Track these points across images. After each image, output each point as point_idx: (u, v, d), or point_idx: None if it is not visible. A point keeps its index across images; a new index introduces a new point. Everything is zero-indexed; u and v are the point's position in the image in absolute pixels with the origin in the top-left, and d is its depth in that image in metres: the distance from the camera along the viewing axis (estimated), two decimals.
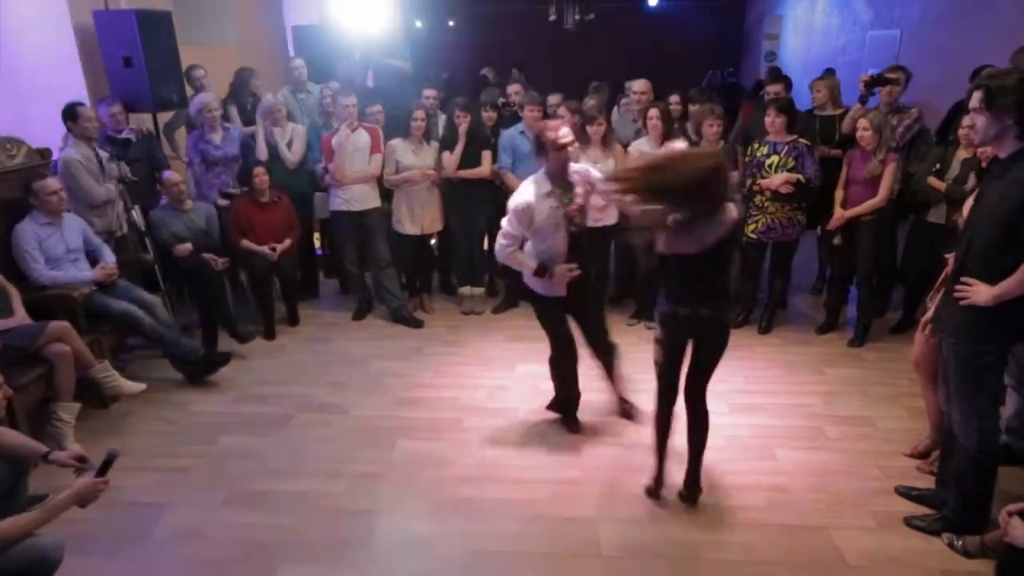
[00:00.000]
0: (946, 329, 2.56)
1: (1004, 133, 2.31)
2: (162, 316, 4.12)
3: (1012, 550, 2.08)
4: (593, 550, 2.76)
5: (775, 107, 4.41)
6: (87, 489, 2.23)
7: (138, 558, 2.75)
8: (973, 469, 2.61)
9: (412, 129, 4.76)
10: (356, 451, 3.45)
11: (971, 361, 2.49)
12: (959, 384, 2.55)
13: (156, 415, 3.83)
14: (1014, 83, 2.25)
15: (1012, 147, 2.32)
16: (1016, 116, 2.25)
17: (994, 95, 2.26)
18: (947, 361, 2.58)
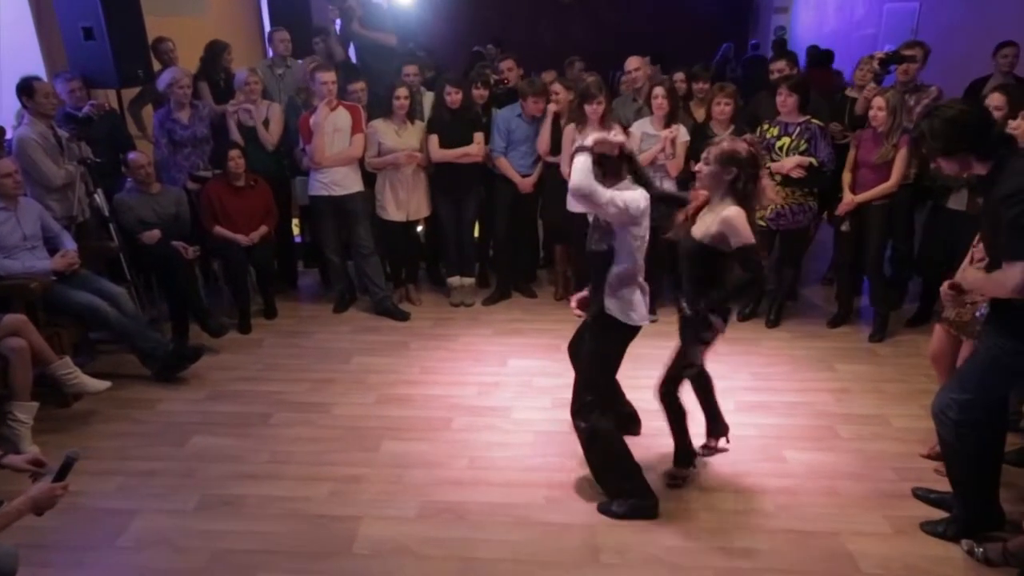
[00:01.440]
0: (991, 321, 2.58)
1: (968, 162, 2.44)
2: (128, 308, 4.08)
3: None
4: (591, 557, 2.75)
5: (787, 85, 4.39)
6: (44, 495, 2.18)
7: (101, 569, 2.72)
8: (955, 461, 2.67)
9: (395, 108, 4.72)
10: (338, 453, 3.43)
11: (998, 358, 2.50)
12: (969, 372, 2.60)
13: (122, 415, 3.78)
14: (939, 128, 2.42)
15: (984, 169, 2.43)
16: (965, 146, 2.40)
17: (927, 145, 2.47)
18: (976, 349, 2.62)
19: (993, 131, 2.44)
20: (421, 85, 5.27)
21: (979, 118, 2.44)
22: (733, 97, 4.48)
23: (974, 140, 2.39)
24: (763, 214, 4.50)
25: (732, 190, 2.77)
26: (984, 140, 2.39)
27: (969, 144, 2.40)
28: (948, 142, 2.41)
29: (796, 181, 4.35)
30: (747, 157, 2.74)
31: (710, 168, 2.79)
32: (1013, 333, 2.47)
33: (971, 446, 2.61)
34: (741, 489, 3.13)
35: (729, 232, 2.72)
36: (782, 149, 4.38)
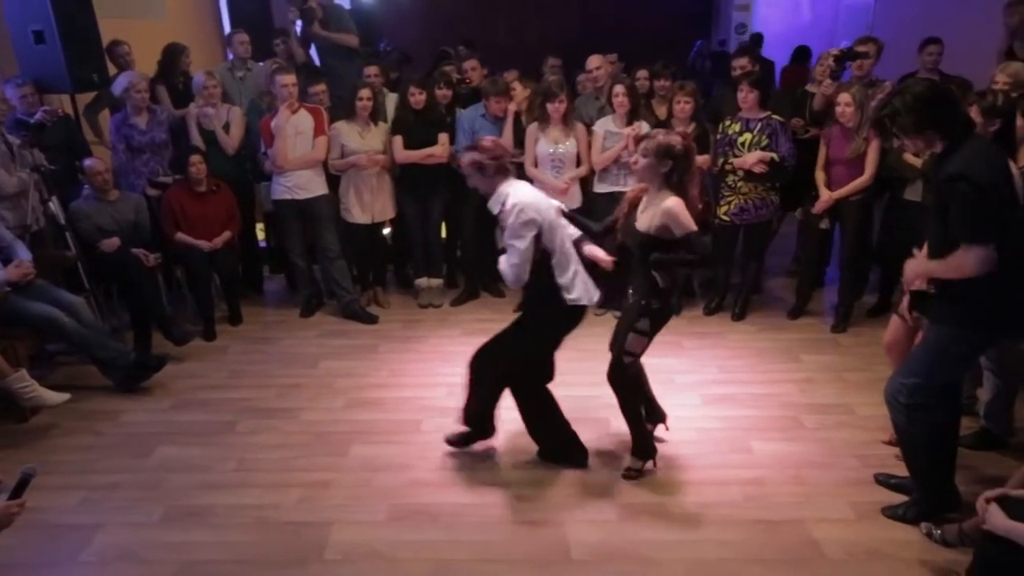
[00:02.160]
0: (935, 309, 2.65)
1: (932, 141, 2.48)
2: (86, 318, 4.00)
3: (990, 538, 2.14)
4: (562, 555, 2.77)
5: (748, 82, 4.45)
6: (1, 513, 2.14)
7: None
8: (909, 445, 2.76)
9: (357, 109, 4.69)
10: (307, 459, 3.40)
11: (944, 344, 2.58)
12: (918, 358, 2.68)
13: (82, 427, 3.70)
14: (911, 102, 2.44)
15: (941, 147, 2.49)
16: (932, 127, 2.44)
17: (898, 122, 2.47)
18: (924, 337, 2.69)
19: (959, 109, 2.50)
20: (384, 86, 5.25)
21: (945, 94, 2.49)
22: (693, 95, 4.53)
23: (942, 115, 2.43)
24: (726, 209, 4.58)
25: (667, 182, 2.88)
26: (951, 117, 2.45)
27: (938, 119, 2.43)
28: (920, 116, 2.43)
29: (758, 176, 4.42)
30: (682, 150, 2.86)
31: (647, 161, 2.91)
32: (957, 320, 2.55)
33: (924, 430, 2.68)
34: (709, 481, 3.17)
35: (672, 222, 2.84)
36: (744, 145, 4.44)
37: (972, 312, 2.51)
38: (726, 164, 4.50)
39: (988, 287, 2.42)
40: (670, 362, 4.26)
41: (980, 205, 2.35)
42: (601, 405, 3.77)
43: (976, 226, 2.37)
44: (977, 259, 2.37)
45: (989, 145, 2.60)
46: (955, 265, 2.45)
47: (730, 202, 4.57)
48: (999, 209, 2.39)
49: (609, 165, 4.61)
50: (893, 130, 2.53)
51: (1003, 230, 2.38)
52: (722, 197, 4.60)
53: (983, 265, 2.37)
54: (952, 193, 2.39)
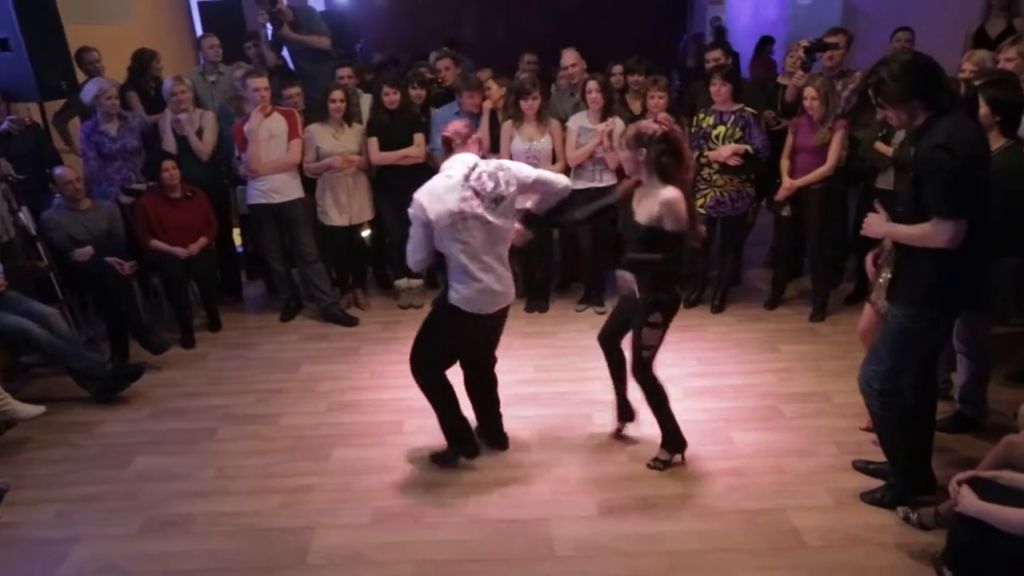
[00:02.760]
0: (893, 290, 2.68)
1: (915, 112, 2.46)
2: (60, 329, 3.94)
3: (962, 519, 2.17)
4: (546, 551, 2.77)
5: (720, 75, 4.48)
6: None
7: None
8: (883, 430, 2.79)
9: (330, 111, 4.66)
10: (288, 464, 3.38)
11: (904, 324, 2.61)
12: (883, 342, 2.70)
13: (58, 440, 3.65)
14: (898, 71, 2.42)
15: (922, 120, 2.48)
16: (918, 97, 2.41)
17: (884, 91, 2.45)
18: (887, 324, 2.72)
19: (944, 79, 2.49)
20: (358, 87, 5.22)
21: (931, 64, 2.47)
22: (666, 90, 4.55)
23: (928, 84, 2.42)
24: (702, 202, 4.60)
25: (658, 170, 2.89)
26: (936, 86, 2.43)
27: (924, 88, 2.41)
28: (905, 84, 2.41)
29: (733, 169, 4.45)
30: (653, 133, 2.88)
31: (625, 154, 2.97)
32: (914, 300, 2.58)
33: (898, 415, 2.72)
34: (691, 473, 3.20)
35: (667, 214, 2.86)
36: (718, 138, 4.47)
37: (924, 289, 2.53)
38: (701, 157, 4.52)
39: (937, 263, 2.45)
40: None
41: (959, 178, 2.35)
42: (583, 401, 3.80)
43: (952, 200, 2.36)
44: (948, 233, 2.37)
45: (970, 120, 2.58)
46: (921, 234, 2.46)
47: (706, 195, 4.59)
48: (976, 185, 2.39)
49: (584, 161, 4.61)
50: (878, 100, 2.50)
51: (976, 207, 2.40)
52: (698, 190, 4.61)
53: (953, 240, 2.38)
54: (933, 164, 2.37)
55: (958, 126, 2.42)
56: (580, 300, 5.04)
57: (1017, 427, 2.61)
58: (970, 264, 2.50)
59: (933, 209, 2.41)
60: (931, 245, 2.44)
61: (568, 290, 5.25)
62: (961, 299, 2.61)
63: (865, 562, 2.63)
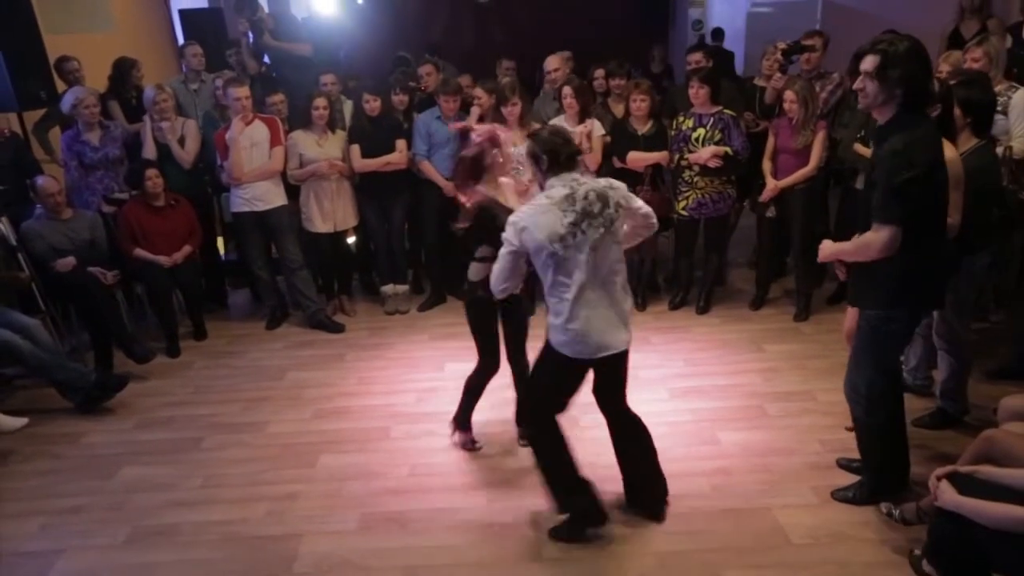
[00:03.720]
0: (857, 296, 2.72)
1: (889, 101, 2.43)
2: (43, 340, 3.90)
3: (942, 514, 2.20)
4: (534, 554, 2.77)
5: (698, 78, 4.51)
6: None
7: None
8: (870, 436, 2.81)
9: (313, 118, 4.66)
10: (275, 471, 3.36)
11: (876, 328, 2.64)
12: (859, 348, 2.73)
13: (42, 451, 3.61)
14: (903, 53, 2.36)
15: (890, 114, 2.46)
16: (904, 87, 2.37)
17: (887, 63, 2.36)
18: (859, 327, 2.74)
19: (930, 85, 2.49)
20: (341, 94, 5.21)
21: (928, 65, 2.44)
22: (648, 93, 4.58)
23: (916, 82, 2.38)
24: (684, 204, 4.63)
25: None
26: (923, 89, 2.41)
27: (911, 83, 2.36)
28: (906, 66, 2.35)
29: (714, 170, 4.48)
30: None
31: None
32: (877, 302, 2.61)
33: (882, 418, 2.74)
34: (678, 474, 3.17)
35: None
36: (698, 140, 4.49)
37: (885, 291, 2.56)
38: (682, 160, 4.55)
39: (893, 265, 2.47)
40: (637, 357, 4.19)
41: (905, 187, 2.35)
42: None
43: (889, 207, 2.39)
44: (882, 241, 2.41)
45: (931, 125, 2.55)
46: (862, 245, 2.52)
47: (688, 197, 4.62)
48: (923, 194, 2.40)
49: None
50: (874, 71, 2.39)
51: (925, 212, 2.43)
52: (680, 192, 4.65)
53: (886, 249, 2.42)
54: (886, 170, 2.39)
55: (920, 132, 2.41)
56: None
57: (996, 423, 2.65)
58: (926, 264, 2.52)
59: (875, 213, 2.44)
60: (870, 255, 2.49)
61: None
62: (924, 298, 2.65)
63: (850, 558, 2.65)
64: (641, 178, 4.63)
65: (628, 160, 4.63)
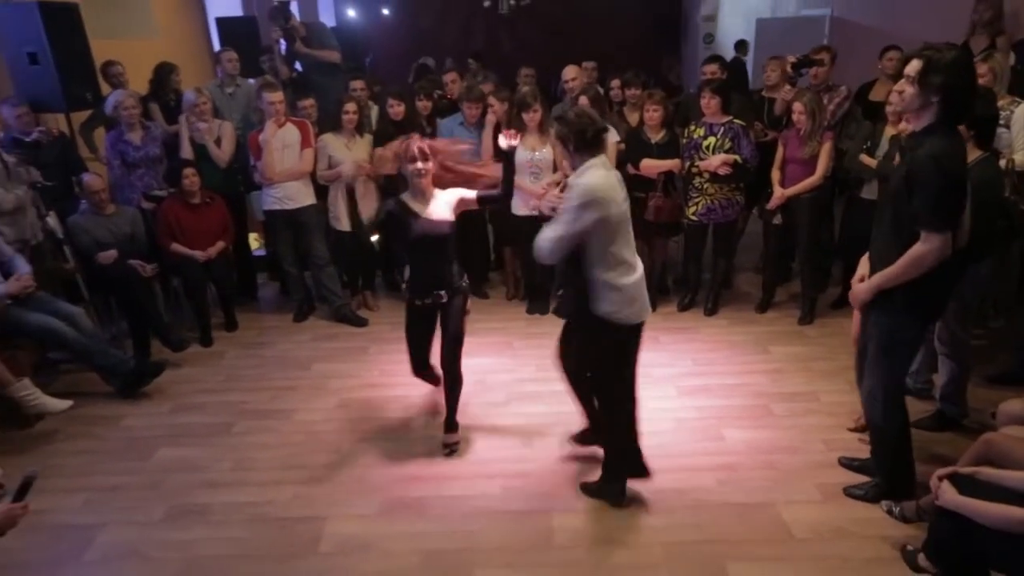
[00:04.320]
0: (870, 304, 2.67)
1: (927, 107, 2.36)
2: (86, 327, 3.96)
3: (942, 513, 2.19)
4: (546, 541, 2.79)
5: (709, 88, 4.50)
6: (5, 515, 2.13)
7: None
8: (881, 439, 2.78)
9: (343, 122, 4.69)
10: (301, 456, 3.40)
11: (888, 336, 2.62)
12: (874, 356, 2.69)
13: (85, 432, 3.68)
14: (947, 63, 2.29)
15: (926, 122, 2.40)
16: (942, 95, 2.32)
17: (930, 69, 2.30)
18: (869, 334, 2.71)
19: (974, 94, 2.42)
20: (369, 99, 5.25)
21: (974, 81, 2.40)
22: (662, 103, 4.58)
23: (963, 88, 2.33)
24: (694, 209, 4.63)
25: None
26: (964, 104, 2.36)
27: (958, 88, 2.31)
28: (948, 76, 2.28)
29: (723, 178, 4.47)
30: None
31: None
32: (896, 311, 2.55)
33: (897, 424, 2.72)
34: (685, 468, 3.21)
35: None
36: (708, 148, 4.49)
37: (905, 300, 2.51)
38: (692, 167, 4.55)
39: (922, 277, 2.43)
40: (647, 356, 4.20)
41: (949, 193, 2.32)
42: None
43: (938, 213, 2.33)
44: (936, 251, 2.35)
45: (959, 137, 2.47)
46: (913, 262, 2.40)
47: (698, 203, 4.61)
48: (959, 203, 2.37)
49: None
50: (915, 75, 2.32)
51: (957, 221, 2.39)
52: (690, 198, 4.64)
53: (939, 257, 2.35)
54: (927, 175, 2.32)
55: (952, 142, 2.36)
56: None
57: (995, 426, 2.63)
58: (949, 272, 2.49)
59: (923, 221, 2.36)
60: (924, 269, 2.39)
61: None
62: (936, 308, 2.62)
63: (851, 554, 2.65)
64: (654, 184, 4.64)
65: (641, 167, 4.63)
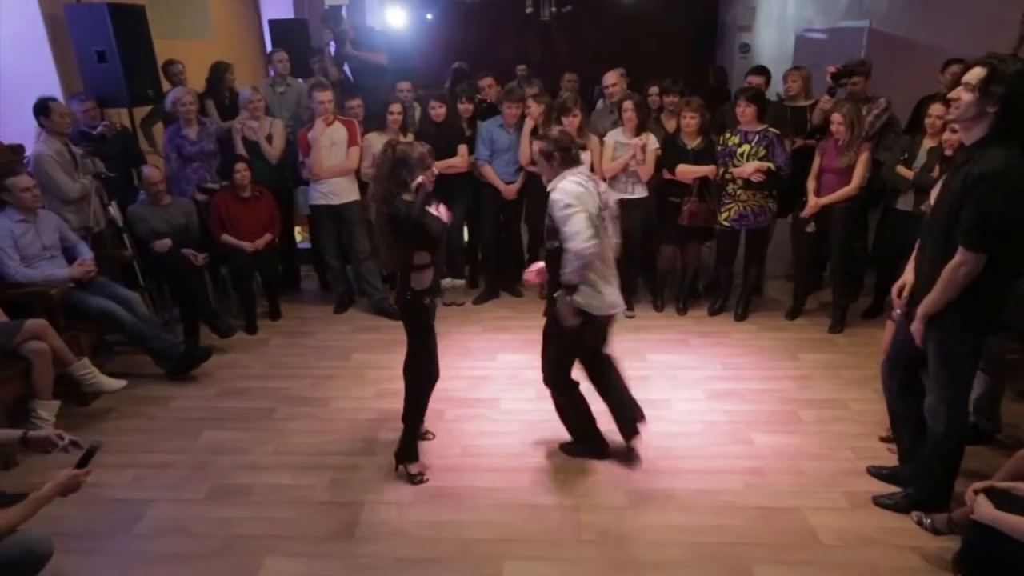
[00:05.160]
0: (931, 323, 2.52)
1: (981, 118, 2.25)
2: (141, 312, 4.05)
3: (978, 527, 2.11)
4: (574, 536, 2.76)
5: (745, 97, 4.42)
6: (69, 480, 2.21)
7: (120, 554, 2.70)
8: (938, 453, 2.66)
9: (388, 122, 4.72)
10: (339, 444, 3.42)
11: (947, 351, 2.50)
12: (935, 371, 2.57)
13: (137, 411, 3.76)
14: (1011, 74, 2.17)
15: (979, 134, 2.29)
16: (1000, 107, 2.19)
17: (993, 79, 2.18)
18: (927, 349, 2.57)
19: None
20: (414, 100, 5.27)
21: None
22: (699, 111, 4.50)
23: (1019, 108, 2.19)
24: (727, 215, 4.55)
25: None
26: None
27: (1019, 101, 2.18)
28: (1011, 87, 2.16)
29: (756, 184, 4.39)
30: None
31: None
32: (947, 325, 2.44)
33: (957, 438, 2.61)
34: (712, 470, 3.15)
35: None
36: (743, 155, 4.41)
37: (961, 316, 2.41)
38: (726, 174, 4.47)
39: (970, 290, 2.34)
40: (677, 359, 4.24)
41: (1001, 212, 2.18)
42: None
43: (983, 233, 2.22)
44: (968, 268, 2.25)
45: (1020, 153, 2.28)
46: (948, 280, 2.32)
47: (730, 209, 4.53)
48: (1018, 219, 2.22)
49: (618, 173, 4.59)
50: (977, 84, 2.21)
51: (1015, 238, 2.26)
52: (723, 204, 4.57)
53: (971, 274, 2.26)
54: (982, 192, 2.19)
55: (1014, 156, 2.22)
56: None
57: None
58: (1002, 287, 2.38)
59: (963, 237, 2.25)
60: (958, 286, 2.31)
61: None
62: (994, 317, 2.47)
63: (879, 562, 2.57)
64: (689, 189, 4.57)
65: (677, 172, 4.57)
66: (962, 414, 2.59)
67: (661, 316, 4.91)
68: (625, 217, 4.65)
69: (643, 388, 3.85)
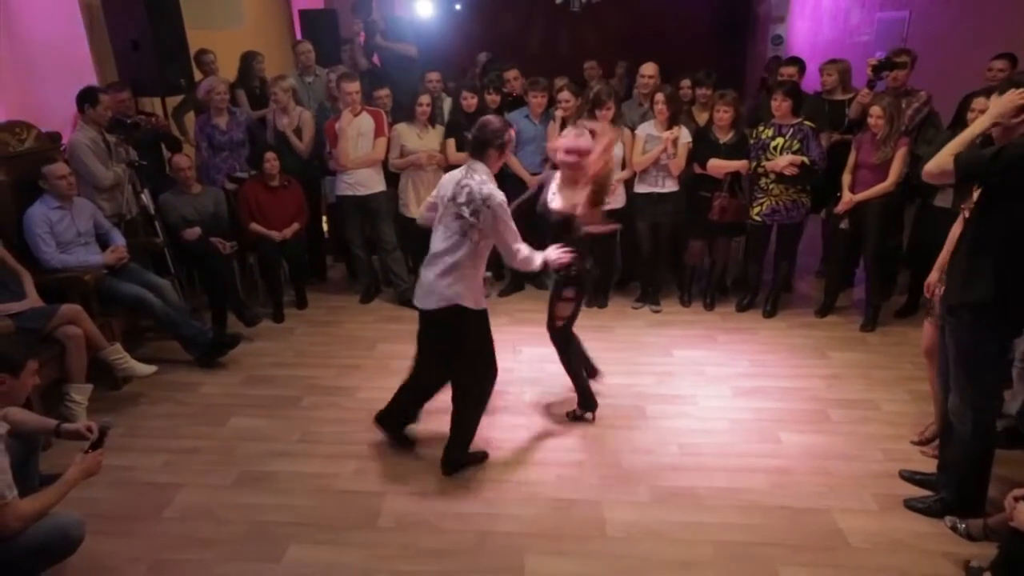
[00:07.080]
0: (947, 316, 2.52)
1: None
2: (172, 299, 4.11)
3: (1017, 534, 2.05)
4: (598, 531, 2.74)
5: (782, 90, 4.33)
6: (91, 462, 2.32)
7: (149, 537, 2.75)
8: (966, 455, 2.60)
9: (417, 114, 4.71)
10: (363, 433, 3.43)
11: (970, 350, 2.46)
12: (957, 372, 2.53)
13: (167, 396, 3.82)
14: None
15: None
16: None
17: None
18: (948, 347, 2.55)
19: None
20: (443, 92, 5.26)
21: None
22: (732, 104, 4.42)
23: None
24: (759, 210, 4.47)
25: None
26: None
27: None
28: None
29: (789, 179, 4.30)
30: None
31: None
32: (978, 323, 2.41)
33: (983, 442, 2.55)
34: (738, 468, 3.11)
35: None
36: (776, 149, 4.32)
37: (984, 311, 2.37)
38: (758, 167, 4.38)
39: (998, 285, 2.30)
40: (703, 355, 4.19)
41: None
42: (635, 393, 3.74)
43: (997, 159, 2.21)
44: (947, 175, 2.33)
45: None
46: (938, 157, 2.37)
47: (762, 203, 4.45)
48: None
49: (649, 167, 4.54)
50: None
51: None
52: (755, 199, 4.49)
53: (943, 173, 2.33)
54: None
55: None
56: (637, 299, 4.97)
57: None
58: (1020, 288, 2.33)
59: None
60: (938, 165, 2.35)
61: (626, 289, 5.20)
62: (1018, 322, 2.44)
63: (909, 568, 2.51)
64: (720, 184, 4.50)
65: (708, 167, 4.50)
66: (987, 416, 2.53)
67: (688, 311, 4.86)
68: (654, 211, 4.60)
69: (668, 384, 3.84)
